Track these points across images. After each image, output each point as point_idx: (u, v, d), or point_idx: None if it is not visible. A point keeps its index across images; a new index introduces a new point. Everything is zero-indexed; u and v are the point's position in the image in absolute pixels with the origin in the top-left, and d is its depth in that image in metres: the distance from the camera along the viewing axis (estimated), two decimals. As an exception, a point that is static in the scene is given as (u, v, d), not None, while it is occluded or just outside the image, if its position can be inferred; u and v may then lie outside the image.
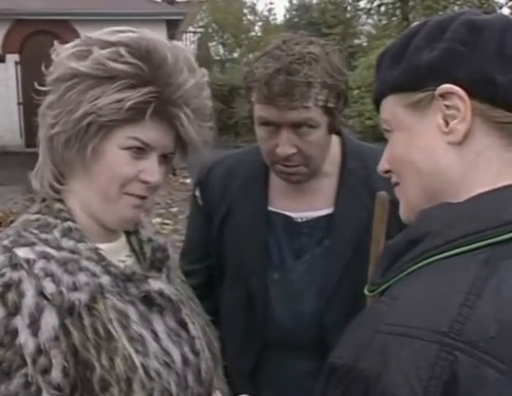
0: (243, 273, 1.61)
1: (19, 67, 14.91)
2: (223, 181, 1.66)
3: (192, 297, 1.30)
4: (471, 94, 0.77)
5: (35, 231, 1.06)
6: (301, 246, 1.58)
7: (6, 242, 1.03)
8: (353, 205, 1.54)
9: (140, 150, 1.08)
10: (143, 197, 1.11)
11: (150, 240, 1.26)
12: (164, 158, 1.14)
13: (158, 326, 1.11)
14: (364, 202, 1.51)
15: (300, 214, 1.59)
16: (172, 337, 1.12)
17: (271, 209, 1.61)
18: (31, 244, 1.03)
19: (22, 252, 1.01)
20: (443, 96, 0.79)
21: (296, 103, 1.39)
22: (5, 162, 12.72)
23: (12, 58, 15.20)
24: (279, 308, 1.58)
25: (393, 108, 0.86)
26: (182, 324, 1.16)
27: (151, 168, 1.09)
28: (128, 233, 1.24)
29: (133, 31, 1.09)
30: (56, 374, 0.95)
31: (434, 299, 0.68)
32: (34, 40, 14.76)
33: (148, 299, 1.12)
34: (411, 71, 0.82)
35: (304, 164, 1.49)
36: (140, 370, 1.02)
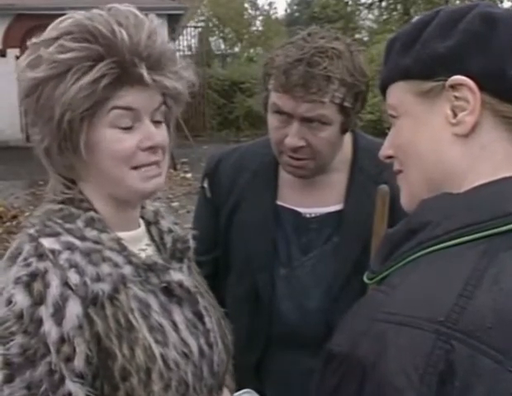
0: (249, 267, 1.60)
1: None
2: (232, 173, 1.65)
3: (208, 289, 1.31)
4: (481, 87, 0.77)
5: (59, 221, 1.07)
6: (308, 242, 1.57)
7: (31, 231, 1.04)
8: (364, 203, 1.52)
9: (129, 125, 1.06)
10: (155, 163, 1.10)
11: (171, 230, 1.26)
12: (159, 122, 1.12)
13: (178, 316, 1.13)
14: (374, 200, 1.49)
15: (309, 210, 1.58)
16: (189, 328, 1.14)
17: (279, 203, 1.60)
18: (56, 234, 1.04)
19: (48, 243, 1.02)
20: (454, 87, 0.79)
21: (312, 96, 1.37)
22: (6, 157, 12.72)
23: (13, 52, 15.16)
24: (285, 304, 1.57)
25: (402, 94, 0.85)
26: (199, 316, 1.18)
27: (148, 132, 1.08)
28: (148, 223, 1.25)
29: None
30: (79, 363, 0.97)
31: (432, 289, 0.68)
32: (34, 34, 14.60)
33: (167, 290, 1.13)
34: (423, 60, 0.81)
35: (311, 158, 1.47)
36: (159, 361, 1.04)
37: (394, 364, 0.64)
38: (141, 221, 1.23)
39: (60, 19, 1.09)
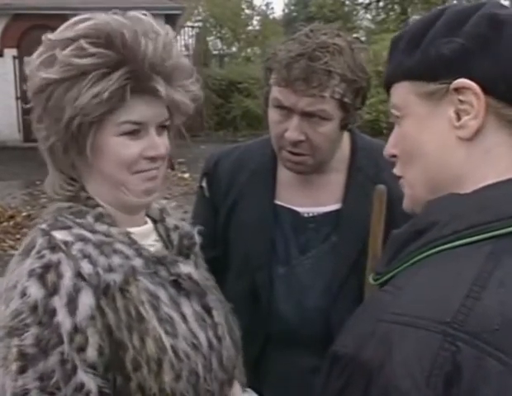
0: (248, 267, 1.61)
1: (17, 61, 14.86)
2: (231, 172, 1.66)
3: (216, 285, 1.33)
4: (486, 91, 0.76)
5: (70, 216, 1.10)
6: (307, 241, 1.57)
7: (44, 226, 1.07)
8: (362, 202, 1.52)
9: (136, 130, 1.09)
10: (155, 169, 1.14)
11: (177, 227, 1.29)
12: (163, 127, 1.15)
13: (187, 309, 1.15)
14: (372, 199, 1.49)
15: (307, 209, 1.58)
16: (198, 321, 1.16)
17: (278, 202, 1.61)
18: (68, 227, 1.07)
19: (60, 235, 1.04)
20: (458, 90, 0.78)
21: (313, 90, 1.38)
22: (3, 157, 12.70)
23: (10, 52, 15.14)
24: (283, 303, 1.58)
25: (405, 95, 0.84)
26: (207, 309, 1.20)
27: (152, 143, 1.11)
28: (154, 221, 1.27)
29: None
30: (92, 353, 0.99)
31: (439, 290, 0.68)
32: (32, 34, 14.68)
33: (176, 283, 1.15)
34: (428, 61, 0.80)
35: (310, 154, 1.48)
36: (170, 352, 1.06)
37: (400, 367, 0.63)
38: (148, 219, 1.25)
39: (76, 20, 1.10)
